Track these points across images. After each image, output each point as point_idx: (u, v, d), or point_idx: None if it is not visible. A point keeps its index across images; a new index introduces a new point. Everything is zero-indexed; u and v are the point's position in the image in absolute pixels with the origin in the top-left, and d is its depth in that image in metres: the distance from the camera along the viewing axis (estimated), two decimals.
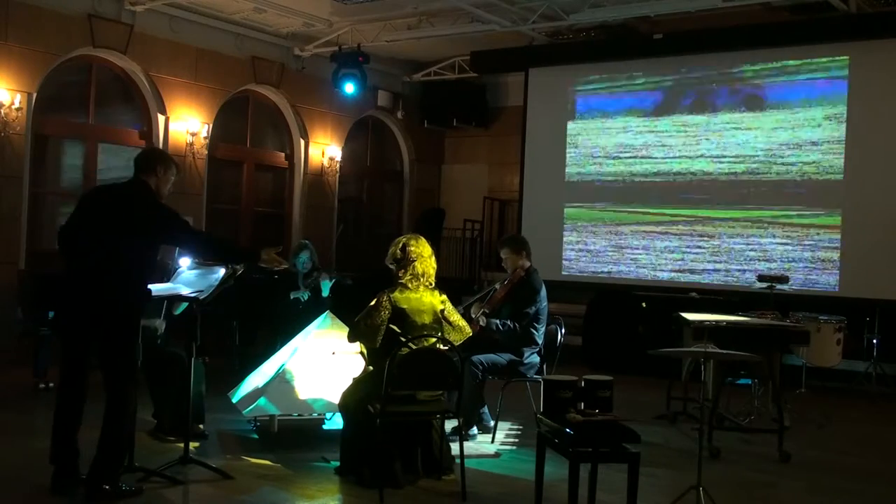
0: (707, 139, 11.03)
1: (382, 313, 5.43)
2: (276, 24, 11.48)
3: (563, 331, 6.88)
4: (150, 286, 5.24)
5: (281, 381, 6.22)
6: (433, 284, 5.63)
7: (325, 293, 8.46)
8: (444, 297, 5.68)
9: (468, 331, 5.76)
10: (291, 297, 8.49)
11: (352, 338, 5.64)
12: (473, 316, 6.56)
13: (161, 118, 10.74)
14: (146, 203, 4.94)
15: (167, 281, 5.71)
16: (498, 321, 6.58)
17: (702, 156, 11.07)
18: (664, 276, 11.20)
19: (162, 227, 4.94)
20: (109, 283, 4.78)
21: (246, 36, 11.57)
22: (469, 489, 5.16)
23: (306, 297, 8.44)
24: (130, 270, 4.84)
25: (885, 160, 9.90)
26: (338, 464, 5.53)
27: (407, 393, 5.28)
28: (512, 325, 6.60)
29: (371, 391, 5.27)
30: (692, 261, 11.04)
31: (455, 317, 5.69)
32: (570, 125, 12.06)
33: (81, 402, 4.93)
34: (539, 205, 12.15)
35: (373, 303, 5.51)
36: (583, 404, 4.54)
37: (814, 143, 10.34)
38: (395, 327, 5.41)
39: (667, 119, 11.30)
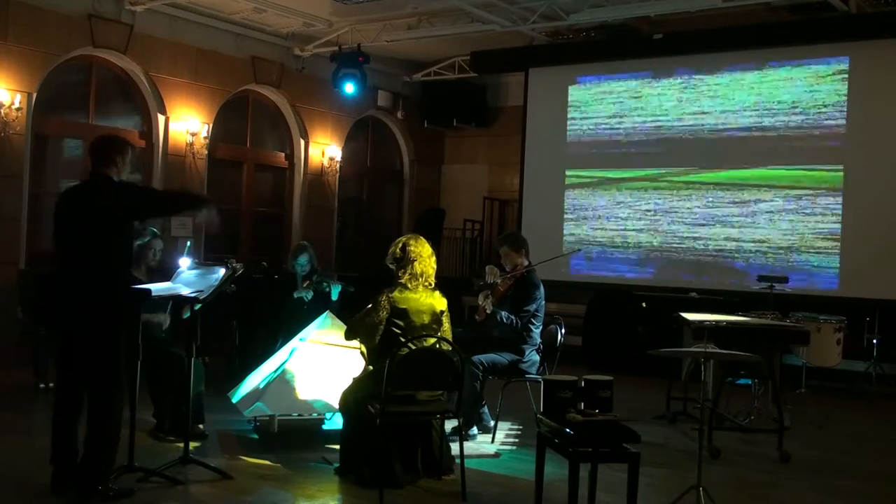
0: (707, 139, 11.02)
1: (381, 313, 5.43)
2: (276, 24, 11.48)
3: (563, 331, 6.89)
4: (150, 286, 5.25)
5: (281, 381, 6.23)
6: (433, 285, 5.63)
7: (335, 297, 8.37)
8: (446, 304, 5.67)
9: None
10: (295, 297, 8.43)
11: (349, 335, 5.67)
12: (480, 303, 6.59)
13: (161, 118, 10.73)
14: (114, 197, 4.94)
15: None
16: (503, 312, 6.61)
17: (702, 154, 11.06)
18: (664, 275, 11.18)
19: (132, 208, 5.03)
20: (98, 281, 4.79)
21: (246, 36, 11.57)
22: (469, 489, 5.16)
23: (310, 297, 8.39)
24: (114, 267, 4.86)
25: (884, 160, 9.89)
26: (338, 464, 5.53)
27: (407, 393, 5.29)
28: (515, 320, 6.63)
29: (371, 391, 5.26)
30: (692, 259, 11.03)
31: (448, 325, 5.68)
32: (570, 125, 12.05)
33: (80, 401, 4.92)
34: (539, 205, 12.14)
35: (372, 304, 5.52)
36: (583, 404, 4.54)
37: (813, 143, 10.33)
38: (395, 327, 5.41)
39: (666, 118, 11.29)
